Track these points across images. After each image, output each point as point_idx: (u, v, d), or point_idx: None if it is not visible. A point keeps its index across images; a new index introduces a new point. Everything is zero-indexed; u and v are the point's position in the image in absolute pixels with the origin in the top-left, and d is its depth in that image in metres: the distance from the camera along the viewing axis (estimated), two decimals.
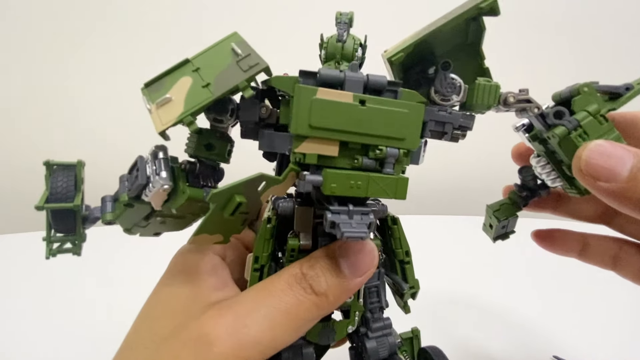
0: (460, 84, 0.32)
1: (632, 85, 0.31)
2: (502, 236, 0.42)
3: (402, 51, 0.30)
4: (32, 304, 0.68)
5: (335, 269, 0.28)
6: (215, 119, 0.30)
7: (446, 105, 0.32)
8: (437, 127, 0.32)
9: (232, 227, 0.28)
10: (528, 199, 0.39)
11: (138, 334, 0.29)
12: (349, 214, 0.26)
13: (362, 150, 0.27)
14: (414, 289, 0.35)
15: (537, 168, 0.35)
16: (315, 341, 0.33)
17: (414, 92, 0.29)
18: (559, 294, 0.76)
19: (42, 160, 0.30)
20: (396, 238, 0.34)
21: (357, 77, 0.27)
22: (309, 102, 0.25)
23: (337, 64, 0.32)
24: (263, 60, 0.27)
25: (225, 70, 0.27)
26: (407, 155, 0.28)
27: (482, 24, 0.31)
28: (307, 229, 0.31)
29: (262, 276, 0.31)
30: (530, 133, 0.34)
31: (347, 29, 0.32)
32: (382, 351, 0.34)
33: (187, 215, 0.32)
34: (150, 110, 0.27)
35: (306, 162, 0.26)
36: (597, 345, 0.60)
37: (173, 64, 0.28)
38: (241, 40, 0.28)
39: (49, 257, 0.30)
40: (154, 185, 0.27)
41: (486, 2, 0.28)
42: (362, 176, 0.26)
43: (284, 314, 0.26)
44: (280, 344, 0.27)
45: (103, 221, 0.31)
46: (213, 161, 0.31)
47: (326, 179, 0.26)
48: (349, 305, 0.33)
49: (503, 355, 0.58)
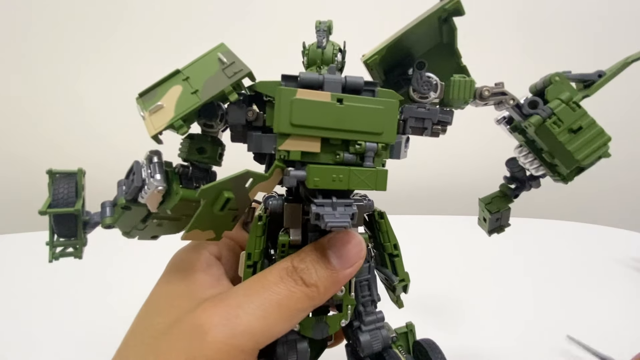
0: (436, 82, 0.33)
1: (604, 72, 0.32)
2: (497, 229, 0.42)
3: (376, 54, 0.32)
4: (32, 304, 0.69)
5: (325, 261, 0.29)
6: (205, 124, 0.31)
7: (425, 102, 0.34)
8: (417, 124, 0.34)
9: (223, 224, 0.29)
10: (518, 190, 0.40)
11: (136, 332, 0.31)
12: (332, 205, 0.28)
13: (342, 146, 0.29)
14: (404, 281, 0.36)
15: (520, 158, 0.36)
16: (309, 335, 0.33)
17: (391, 91, 0.30)
18: (552, 290, 0.77)
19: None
20: (384, 232, 0.35)
21: (335, 78, 0.29)
22: (290, 102, 0.27)
23: (318, 68, 0.34)
24: (246, 67, 0.29)
25: (212, 77, 0.29)
26: (385, 149, 0.30)
27: (452, 24, 0.33)
28: (296, 225, 0.33)
29: (255, 273, 0.32)
30: (511, 125, 0.35)
31: (327, 36, 0.34)
32: (376, 344, 0.35)
33: (182, 218, 0.34)
34: (143, 117, 0.29)
35: (290, 158, 0.28)
36: (595, 337, 0.60)
37: (164, 75, 0.31)
38: (227, 50, 0.30)
39: (51, 260, 0.31)
40: (149, 187, 0.29)
41: (450, 3, 0.30)
42: (344, 170, 0.28)
43: (276, 305, 0.27)
44: (274, 333, 0.28)
45: (103, 225, 0.33)
46: (205, 164, 0.32)
47: (309, 174, 0.27)
48: (341, 299, 0.34)
49: (498, 349, 0.59)
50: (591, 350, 0.55)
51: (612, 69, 0.32)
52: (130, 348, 0.29)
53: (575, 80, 0.33)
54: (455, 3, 0.30)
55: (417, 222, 1.06)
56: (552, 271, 0.84)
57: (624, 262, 0.89)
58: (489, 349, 0.58)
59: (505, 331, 0.62)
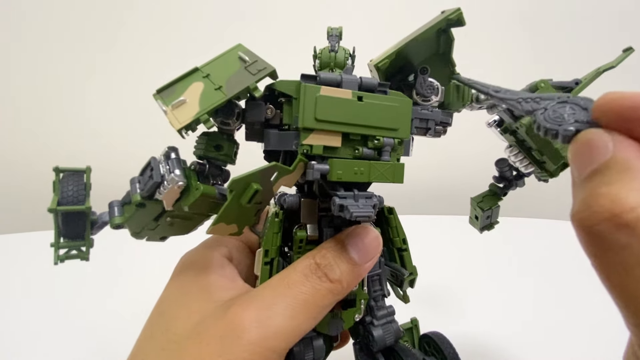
0: (437, 86, 0.36)
1: (580, 80, 0.36)
2: (488, 227, 0.46)
3: (387, 58, 0.34)
4: (33, 304, 0.67)
5: (346, 256, 0.30)
6: (222, 122, 0.32)
7: (427, 105, 0.37)
8: (421, 124, 0.36)
9: (246, 217, 0.29)
10: (506, 188, 0.43)
11: (152, 337, 0.29)
12: (354, 197, 0.29)
13: (361, 141, 0.30)
14: (412, 275, 0.37)
15: (511, 157, 0.39)
16: (325, 332, 0.34)
17: (399, 92, 0.33)
18: (552, 290, 0.78)
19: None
20: (393, 227, 0.37)
21: (352, 78, 0.31)
22: (314, 98, 0.28)
23: (331, 71, 0.36)
24: (270, 65, 0.30)
25: (234, 74, 0.30)
26: (401, 144, 0.32)
27: (450, 35, 0.36)
28: (313, 220, 0.33)
29: (272, 270, 0.32)
30: (502, 127, 0.39)
31: (338, 40, 0.36)
32: (389, 338, 0.36)
33: (194, 217, 0.33)
34: (165, 111, 0.29)
35: (313, 153, 0.29)
36: (595, 337, 0.62)
37: (182, 72, 0.31)
38: (246, 49, 0.31)
39: (57, 262, 0.30)
40: (169, 182, 0.29)
41: (454, 14, 0.33)
42: (364, 163, 0.29)
43: (303, 303, 0.28)
44: (303, 331, 0.28)
45: (111, 225, 0.31)
46: (221, 161, 0.33)
47: (332, 167, 0.29)
48: (355, 294, 0.34)
49: (500, 340, 0.61)
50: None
51: (586, 77, 0.37)
52: (148, 355, 0.28)
53: (556, 87, 0.37)
54: (458, 14, 0.33)
55: (416, 222, 1.07)
56: (553, 271, 0.85)
57: None
58: (493, 345, 0.60)
59: (505, 331, 0.64)
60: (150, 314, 0.31)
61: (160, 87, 0.30)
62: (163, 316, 0.30)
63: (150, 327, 0.30)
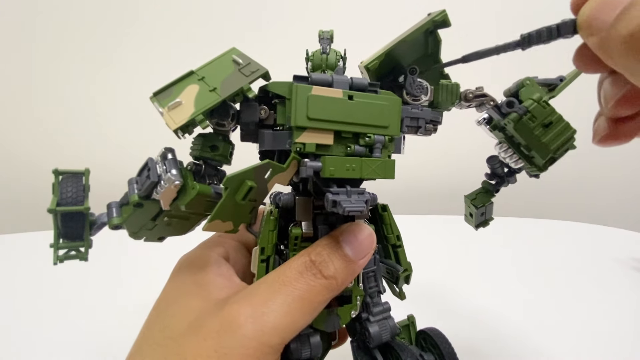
0: (427, 86, 0.38)
1: (564, 77, 0.37)
2: (482, 223, 0.46)
3: (376, 59, 0.36)
4: (33, 305, 0.68)
5: (340, 253, 0.31)
6: (217, 123, 0.33)
7: (417, 104, 0.38)
8: (412, 123, 0.37)
9: (242, 215, 0.30)
10: (498, 185, 0.44)
11: (150, 335, 0.30)
12: (347, 193, 0.30)
13: (353, 139, 0.31)
14: (407, 271, 0.38)
15: (501, 153, 0.40)
16: (321, 329, 0.34)
17: (389, 92, 0.34)
18: (552, 289, 0.78)
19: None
20: (387, 224, 0.37)
21: (343, 78, 0.32)
22: (306, 97, 0.29)
23: (323, 72, 0.37)
24: (263, 67, 0.31)
25: (229, 76, 0.31)
26: (391, 142, 0.32)
27: (437, 36, 0.38)
28: (307, 218, 0.34)
29: (268, 267, 0.33)
30: (491, 124, 0.40)
31: (329, 43, 0.37)
32: (385, 334, 0.36)
33: (191, 216, 0.34)
34: (162, 113, 0.29)
35: (306, 151, 0.30)
36: (595, 337, 0.62)
37: (178, 76, 0.32)
38: (240, 52, 0.32)
39: (56, 263, 0.30)
40: (165, 182, 0.29)
41: (439, 15, 0.34)
42: (356, 160, 0.30)
43: (299, 300, 0.28)
44: (298, 328, 0.28)
45: (110, 226, 0.32)
46: (217, 162, 0.33)
47: (325, 164, 0.29)
48: (351, 291, 0.35)
49: (497, 336, 0.61)
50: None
51: (569, 75, 0.38)
52: (145, 352, 0.28)
53: (541, 84, 0.38)
54: (443, 15, 0.34)
55: (411, 222, 1.09)
56: (553, 271, 0.85)
57: (624, 262, 0.89)
58: (490, 341, 0.61)
59: (501, 327, 0.64)
60: (149, 314, 0.32)
61: (157, 90, 0.31)
62: (160, 315, 0.31)
63: (148, 325, 0.30)
